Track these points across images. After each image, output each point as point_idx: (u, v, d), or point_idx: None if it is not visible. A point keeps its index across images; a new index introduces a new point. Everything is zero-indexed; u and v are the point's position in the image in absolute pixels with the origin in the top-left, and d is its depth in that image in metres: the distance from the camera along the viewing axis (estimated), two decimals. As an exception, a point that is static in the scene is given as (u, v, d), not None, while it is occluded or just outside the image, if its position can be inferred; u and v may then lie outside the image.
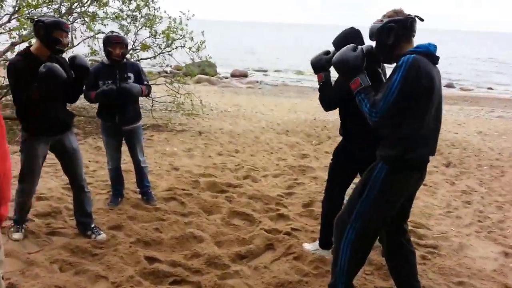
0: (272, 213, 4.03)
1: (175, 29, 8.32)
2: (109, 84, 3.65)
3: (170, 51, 8.61)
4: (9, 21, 7.11)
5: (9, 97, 6.53)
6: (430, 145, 2.33)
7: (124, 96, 3.69)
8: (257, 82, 19.81)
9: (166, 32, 8.34)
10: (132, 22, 8.37)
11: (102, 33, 7.87)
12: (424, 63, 2.18)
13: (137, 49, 8.45)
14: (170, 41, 8.45)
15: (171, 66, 9.13)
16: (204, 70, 17.85)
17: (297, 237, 3.54)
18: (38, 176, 3.23)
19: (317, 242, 3.32)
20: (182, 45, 8.58)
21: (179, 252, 3.23)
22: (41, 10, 7.55)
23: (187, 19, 8.38)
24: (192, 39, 8.51)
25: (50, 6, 7.35)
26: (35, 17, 3.50)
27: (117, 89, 3.64)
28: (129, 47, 8.38)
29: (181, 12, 8.37)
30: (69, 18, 7.70)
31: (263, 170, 5.50)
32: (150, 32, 8.42)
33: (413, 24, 2.30)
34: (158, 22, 8.31)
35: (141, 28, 8.38)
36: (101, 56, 7.21)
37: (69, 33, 3.22)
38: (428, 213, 4.30)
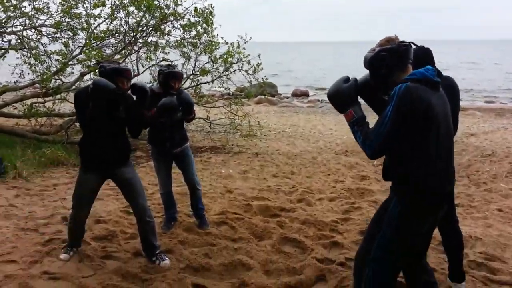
0: (326, 240, 3.82)
1: (232, 53, 8.50)
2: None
3: (228, 74, 8.80)
4: (80, 53, 7.71)
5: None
6: (443, 176, 2.13)
7: (184, 106, 3.70)
8: (318, 101, 19.58)
9: (224, 57, 8.55)
10: (192, 49, 8.69)
11: (165, 60, 8.25)
12: (420, 90, 2.03)
13: (197, 74, 8.75)
14: (228, 65, 8.65)
15: (229, 89, 9.31)
16: (265, 91, 17.99)
17: (351, 268, 3.28)
18: (86, 205, 3.34)
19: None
20: (240, 68, 8.75)
21: (227, 280, 3.15)
22: (109, 41, 8.12)
23: (245, 43, 8.54)
24: (249, 62, 8.64)
25: (116, 37, 7.86)
26: (102, 59, 3.67)
27: (177, 98, 3.54)
28: (190, 72, 8.75)
29: (238, 36, 8.56)
30: (134, 47, 8.18)
31: (319, 193, 5.31)
32: (209, 58, 8.69)
33: (407, 51, 2.16)
34: (216, 48, 8.54)
35: (200, 54, 8.67)
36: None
37: (131, 79, 3.31)
38: (503, 244, 3.83)
